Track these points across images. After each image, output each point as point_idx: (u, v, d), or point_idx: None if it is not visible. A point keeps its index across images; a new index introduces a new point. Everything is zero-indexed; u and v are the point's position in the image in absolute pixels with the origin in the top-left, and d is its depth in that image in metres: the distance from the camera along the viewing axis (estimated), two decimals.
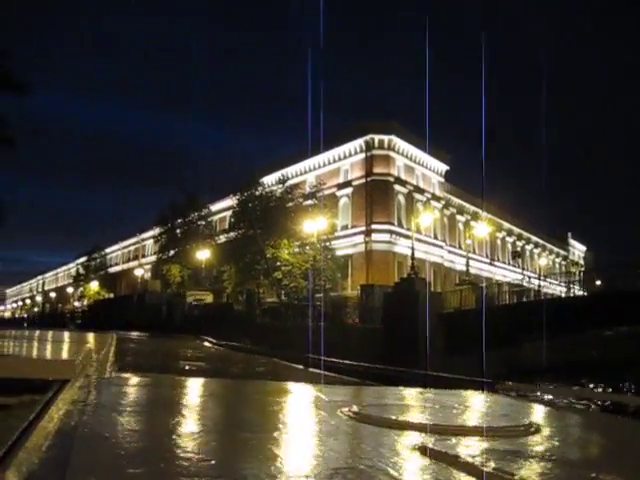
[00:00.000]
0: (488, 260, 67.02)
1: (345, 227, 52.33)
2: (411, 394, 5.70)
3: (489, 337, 22.47)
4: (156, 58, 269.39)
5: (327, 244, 45.42)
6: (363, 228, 51.26)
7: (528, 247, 77.07)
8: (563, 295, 42.22)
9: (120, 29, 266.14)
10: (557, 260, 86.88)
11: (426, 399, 5.23)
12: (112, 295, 79.36)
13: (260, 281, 48.42)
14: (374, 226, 50.76)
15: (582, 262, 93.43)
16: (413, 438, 3.04)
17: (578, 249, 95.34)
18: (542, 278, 45.62)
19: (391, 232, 50.91)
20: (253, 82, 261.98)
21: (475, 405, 5.21)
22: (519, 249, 72.80)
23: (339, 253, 48.70)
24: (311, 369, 8.99)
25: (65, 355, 6.60)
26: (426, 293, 28.33)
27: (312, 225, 41.06)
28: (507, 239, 72.47)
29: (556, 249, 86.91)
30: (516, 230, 73.67)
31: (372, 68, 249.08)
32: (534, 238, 79.09)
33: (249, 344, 19.77)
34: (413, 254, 31.60)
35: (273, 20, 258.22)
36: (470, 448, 2.91)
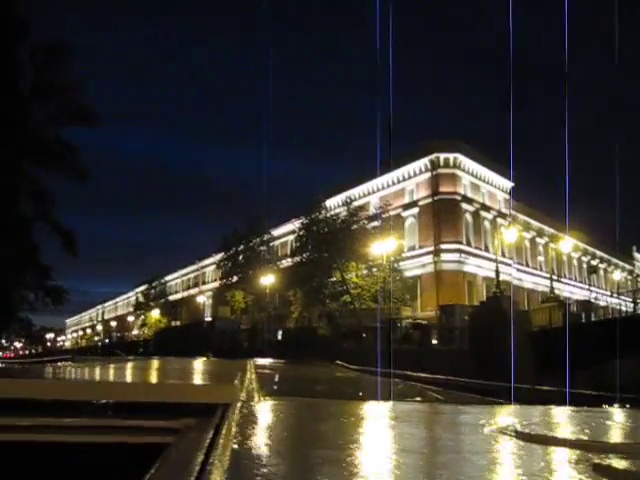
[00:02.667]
0: (554, 277, 65.55)
1: (412, 248, 51.77)
2: (555, 412, 5.20)
3: (576, 356, 21.72)
4: (213, 91, 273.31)
5: (395, 265, 44.90)
6: (431, 248, 50.71)
7: (594, 262, 75.18)
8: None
9: (175, 62, 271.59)
10: (622, 274, 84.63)
11: (573, 416, 4.76)
12: (175, 323, 79.72)
13: (328, 304, 48.07)
14: (443, 246, 50.25)
15: None
16: (580, 456, 2.66)
17: None
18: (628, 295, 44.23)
19: (460, 251, 50.31)
20: (315, 107, 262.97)
21: (630, 422, 4.71)
22: (585, 265, 71.17)
23: (407, 274, 48.12)
24: (448, 390, 8.39)
25: (220, 380, 6.36)
26: (512, 312, 27.64)
27: (380, 247, 40.67)
28: (573, 255, 70.85)
29: (621, 263, 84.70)
30: (581, 245, 72.00)
31: (435, 85, 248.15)
32: (599, 253, 77.28)
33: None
34: (498, 273, 30.93)
35: (332, 42, 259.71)
36: None
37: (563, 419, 4.67)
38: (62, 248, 31.55)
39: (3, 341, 77.76)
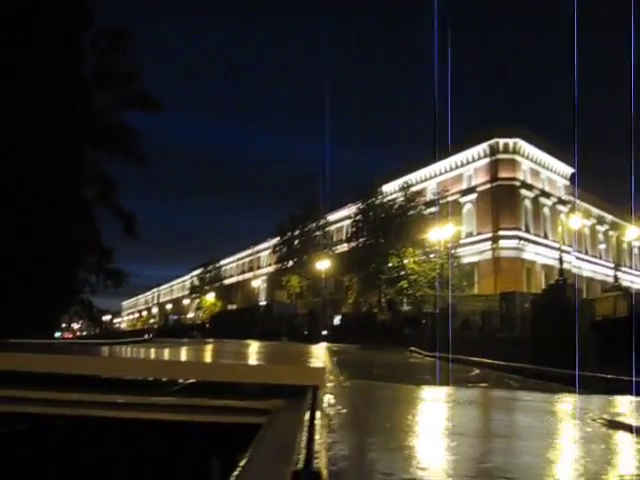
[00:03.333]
0: (613, 265, 64.08)
1: (470, 234, 51.33)
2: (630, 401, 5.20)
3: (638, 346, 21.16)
4: (268, 75, 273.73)
5: (452, 252, 44.47)
6: (489, 235, 50.19)
7: None
8: None
9: (234, 48, 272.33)
10: None
11: None
12: (231, 306, 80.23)
13: (384, 290, 47.92)
14: (501, 232, 49.65)
15: None
16: None
17: None
18: None
19: (519, 238, 49.65)
20: (369, 94, 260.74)
21: None
22: None
23: (464, 261, 47.72)
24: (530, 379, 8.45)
25: (305, 362, 6.55)
26: (577, 300, 27.08)
27: (438, 233, 40.36)
28: (634, 244, 69.19)
29: None
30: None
31: (493, 67, 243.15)
32: None
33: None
34: (561, 261, 30.30)
35: (387, 27, 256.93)
36: None
37: None
38: (122, 231, 31.97)
39: (64, 324, 79.27)
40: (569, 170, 57.01)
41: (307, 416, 2.87)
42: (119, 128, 31.44)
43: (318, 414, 2.92)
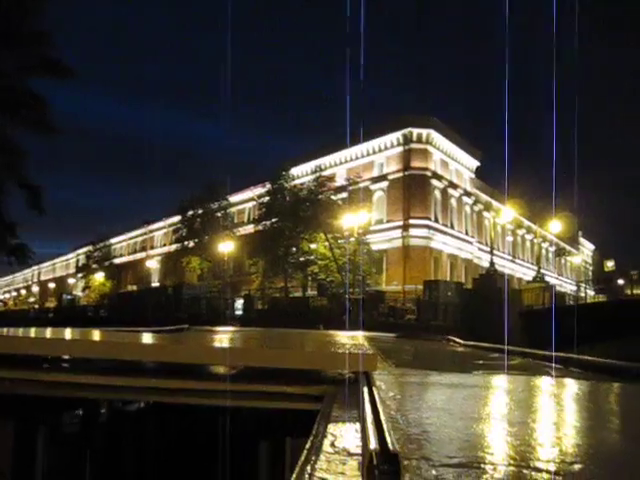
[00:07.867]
0: (509, 257, 66.33)
1: (380, 221, 51.36)
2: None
3: (565, 336, 21.68)
4: (173, 57, 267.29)
5: (362, 238, 44.29)
6: (400, 223, 50.41)
7: (544, 245, 76.26)
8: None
9: (137, 28, 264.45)
10: (569, 259, 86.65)
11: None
12: (131, 287, 77.26)
13: (292, 275, 47.29)
14: (412, 221, 50.02)
15: (590, 261, 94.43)
16: None
17: (587, 248, 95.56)
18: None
19: (428, 227, 50.20)
20: (277, 80, 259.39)
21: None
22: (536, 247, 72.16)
23: (374, 248, 47.61)
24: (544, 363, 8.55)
25: (345, 350, 6.22)
26: (507, 290, 27.59)
27: (350, 219, 40.10)
28: (527, 237, 72.05)
29: (568, 248, 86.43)
30: (534, 227, 72.93)
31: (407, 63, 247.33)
32: (549, 236, 78.44)
33: None
34: (492, 250, 30.67)
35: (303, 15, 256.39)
36: None
37: None
38: (27, 204, 29.89)
39: None
40: (475, 163, 58.52)
41: (366, 400, 2.83)
42: (25, 93, 29.26)
43: (378, 401, 2.83)
